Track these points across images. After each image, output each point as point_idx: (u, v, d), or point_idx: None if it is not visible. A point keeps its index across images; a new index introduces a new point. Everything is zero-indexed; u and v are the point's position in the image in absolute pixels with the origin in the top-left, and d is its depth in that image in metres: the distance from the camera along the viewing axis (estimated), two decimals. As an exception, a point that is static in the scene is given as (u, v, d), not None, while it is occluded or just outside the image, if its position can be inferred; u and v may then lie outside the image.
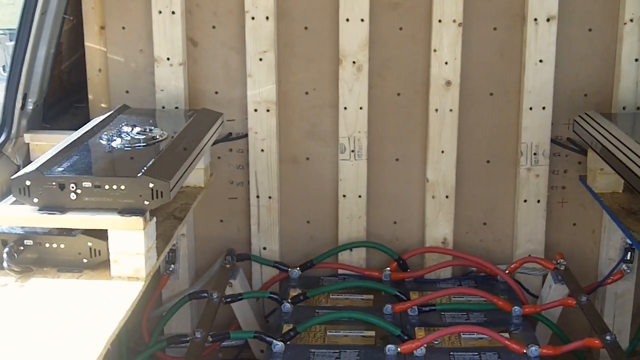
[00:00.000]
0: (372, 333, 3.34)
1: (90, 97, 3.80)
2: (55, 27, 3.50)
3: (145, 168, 2.63)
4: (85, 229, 2.59)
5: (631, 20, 3.61)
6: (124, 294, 2.47)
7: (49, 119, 3.69)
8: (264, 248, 3.88)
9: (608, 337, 3.12)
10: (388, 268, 3.81)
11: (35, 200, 2.55)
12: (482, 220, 3.93)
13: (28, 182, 2.54)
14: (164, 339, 3.35)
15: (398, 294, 3.59)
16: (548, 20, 3.62)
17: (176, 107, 3.68)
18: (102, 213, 2.55)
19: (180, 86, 3.69)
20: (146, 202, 2.55)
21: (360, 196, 3.85)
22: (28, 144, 3.43)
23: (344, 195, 3.85)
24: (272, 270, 3.88)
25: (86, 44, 3.75)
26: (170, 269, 3.75)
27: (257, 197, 3.83)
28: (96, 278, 2.57)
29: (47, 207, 2.56)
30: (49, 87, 3.64)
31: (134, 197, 2.54)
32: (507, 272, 3.75)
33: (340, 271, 3.89)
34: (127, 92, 3.75)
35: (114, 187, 2.54)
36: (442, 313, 3.52)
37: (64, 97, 3.89)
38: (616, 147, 3.07)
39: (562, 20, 3.65)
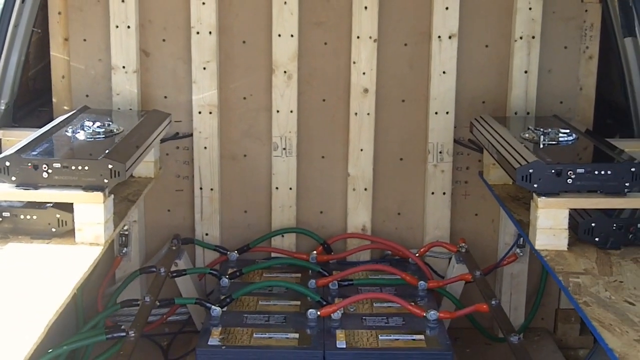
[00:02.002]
0: (298, 303, 3.81)
1: (54, 100, 4.23)
2: (26, 38, 3.97)
3: (105, 153, 3.14)
4: (54, 203, 3.09)
5: (521, 38, 4.12)
6: (86, 255, 2.97)
7: (17, 120, 4.12)
8: (206, 234, 4.32)
9: (493, 302, 3.63)
10: (315, 251, 4.24)
11: (13, 178, 3.06)
12: (396, 210, 4.38)
13: (7, 163, 3.05)
14: (117, 304, 3.80)
15: (321, 270, 4.07)
16: (450, 37, 4.13)
17: (130, 109, 4.13)
18: (69, 189, 3.06)
19: (134, 91, 4.13)
20: (106, 181, 3.06)
21: (290, 188, 4.29)
22: (0, 139, 3.90)
23: (277, 188, 4.29)
24: (213, 253, 4.30)
25: (52, 53, 4.18)
26: (123, 251, 4.21)
27: (201, 189, 4.26)
28: (63, 244, 3.06)
29: (23, 184, 3.07)
30: (18, 91, 4.10)
31: (95, 176, 3.05)
32: (417, 255, 4.22)
33: (273, 254, 4.32)
34: (87, 96, 4.18)
35: (79, 167, 3.04)
36: (359, 287, 3.98)
37: (30, 101, 4.32)
38: (499, 142, 3.60)
39: (462, 38, 4.15)
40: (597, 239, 3.19)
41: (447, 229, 4.36)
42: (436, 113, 4.21)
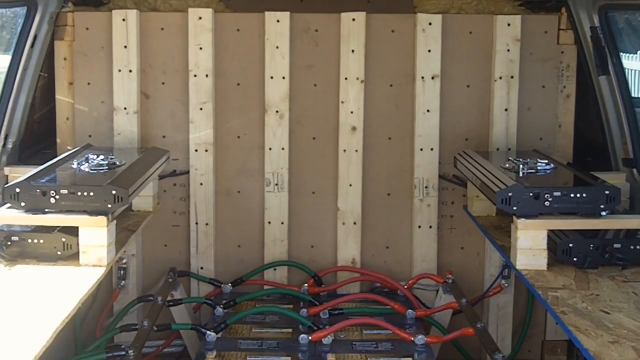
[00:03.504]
0: (290, 330, 3.95)
1: (58, 140, 4.42)
2: (34, 81, 4.18)
3: (109, 180, 3.32)
4: (60, 227, 3.26)
5: (500, 78, 4.35)
6: (90, 275, 3.15)
7: (22, 161, 4.31)
8: (201, 267, 4.46)
9: (479, 325, 3.77)
10: (306, 284, 4.36)
11: (23, 204, 3.24)
12: (384, 243, 4.53)
13: (18, 190, 3.23)
14: (117, 328, 3.93)
15: (312, 300, 4.20)
16: (433, 78, 4.34)
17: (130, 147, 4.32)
18: (75, 214, 3.23)
19: (135, 131, 4.32)
20: (109, 205, 3.24)
21: (282, 223, 4.45)
22: (7, 176, 4.08)
23: (269, 222, 4.45)
24: (208, 286, 4.44)
25: (57, 97, 4.39)
26: (122, 284, 4.35)
27: (196, 223, 4.42)
28: (68, 265, 3.23)
29: (32, 209, 3.25)
30: (24, 132, 4.29)
31: (100, 201, 3.23)
32: (405, 286, 4.35)
33: (265, 287, 4.44)
34: (89, 136, 4.37)
35: (85, 193, 3.23)
36: (349, 316, 4.06)
37: (35, 143, 4.51)
38: (481, 172, 3.78)
39: (445, 79, 4.36)
40: (575, 259, 3.36)
41: (434, 261, 4.50)
42: (421, 149, 4.40)
